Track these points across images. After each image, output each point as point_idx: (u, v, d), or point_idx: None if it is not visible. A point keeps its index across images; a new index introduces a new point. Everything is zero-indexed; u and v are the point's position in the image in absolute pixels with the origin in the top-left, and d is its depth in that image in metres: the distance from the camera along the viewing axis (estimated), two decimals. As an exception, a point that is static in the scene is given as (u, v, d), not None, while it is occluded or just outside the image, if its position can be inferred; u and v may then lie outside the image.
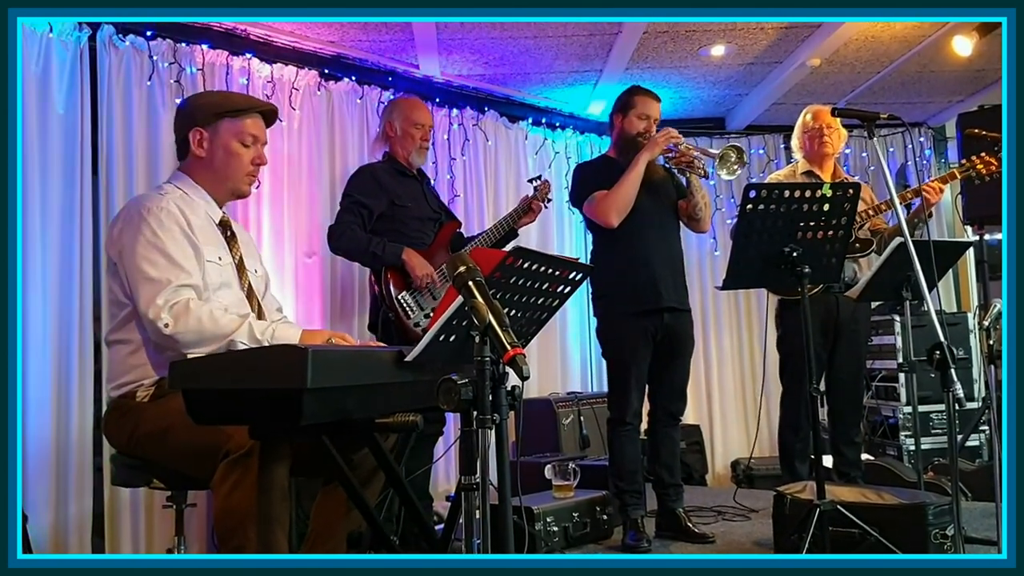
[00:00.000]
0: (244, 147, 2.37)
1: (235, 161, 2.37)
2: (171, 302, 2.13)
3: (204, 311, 2.15)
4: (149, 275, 2.16)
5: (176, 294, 2.14)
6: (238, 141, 2.36)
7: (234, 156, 2.36)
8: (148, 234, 2.20)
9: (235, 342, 2.12)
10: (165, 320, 2.11)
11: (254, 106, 2.43)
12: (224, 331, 2.12)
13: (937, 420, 4.83)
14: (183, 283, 2.17)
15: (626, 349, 3.50)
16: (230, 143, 2.36)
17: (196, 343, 2.12)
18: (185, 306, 2.13)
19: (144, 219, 2.22)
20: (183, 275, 2.18)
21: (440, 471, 4.52)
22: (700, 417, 5.77)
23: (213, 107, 2.37)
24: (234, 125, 2.36)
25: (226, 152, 2.36)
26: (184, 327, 2.11)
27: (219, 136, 2.35)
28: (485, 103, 5.20)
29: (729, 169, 3.44)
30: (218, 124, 2.35)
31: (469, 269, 1.66)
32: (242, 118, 2.37)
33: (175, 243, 2.21)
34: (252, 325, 2.16)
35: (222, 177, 2.39)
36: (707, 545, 3.44)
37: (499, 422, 1.53)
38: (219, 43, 4.05)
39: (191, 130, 2.35)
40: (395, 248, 3.48)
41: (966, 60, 4.77)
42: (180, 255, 2.20)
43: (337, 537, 2.29)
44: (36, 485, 3.32)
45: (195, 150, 2.36)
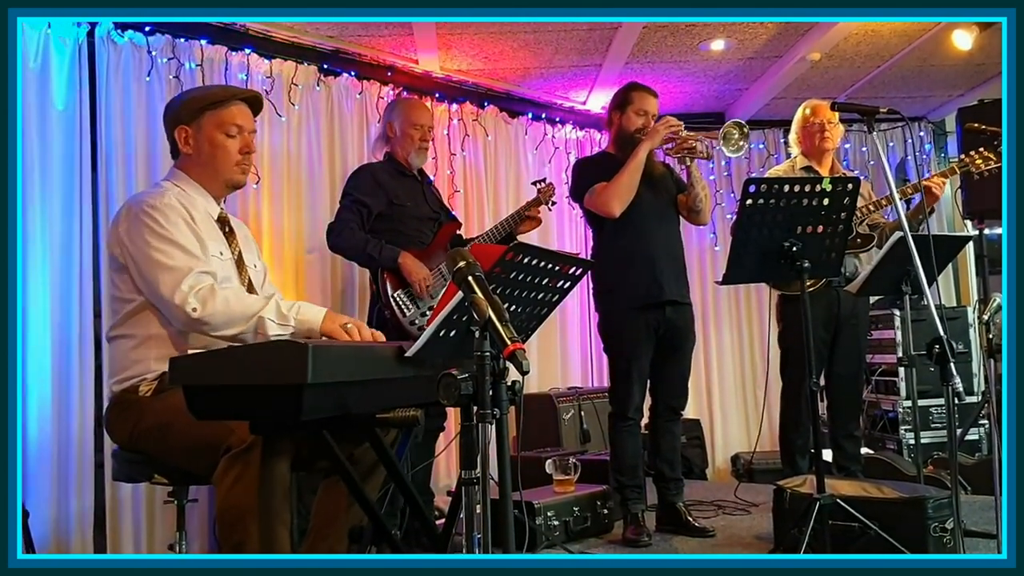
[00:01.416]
0: (229, 137, 2.38)
1: (221, 152, 2.38)
2: (196, 287, 2.15)
3: (230, 292, 2.19)
4: (167, 264, 2.17)
5: (199, 279, 2.17)
6: (222, 132, 2.38)
7: (219, 148, 2.38)
8: (156, 227, 2.21)
9: (264, 320, 2.14)
10: (193, 304, 2.13)
11: (234, 95, 2.44)
12: (252, 310, 2.14)
13: (937, 414, 4.84)
14: (202, 269, 2.20)
15: (628, 343, 3.50)
16: (214, 135, 2.37)
17: (225, 324, 2.14)
18: (211, 290, 2.16)
19: (149, 214, 2.23)
20: (199, 263, 2.21)
21: (441, 466, 4.53)
22: (700, 411, 5.78)
23: (194, 103, 2.39)
24: (216, 116, 2.37)
25: (211, 144, 2.37)
26: (213, 309, 2.13)
27: (203, 130, 2.37)
28: (485, 98, 5.19)
29: (735, 145, 3.43)
30: (201, 118, 2.37)
31: (469, 264, 1.66)
32: (223, 108, 2.38)
33: (183, 234, 2.24)
34: (279, 303, 2.18)
35: (213, 170, 2.40)
36: (707, 539, 3.44)
37: (499, 417, 1.53)
38: (218, 38, 4.04)
39: (176, 129, 2.38)
40: (392, 252, 3.47)
41: (966, 54, 4.76)
42: (191, 245, 2.23)
43: (338, 532, 2.29)
44: (38, 481, 3.33)
45: (183, 148, 2.39)
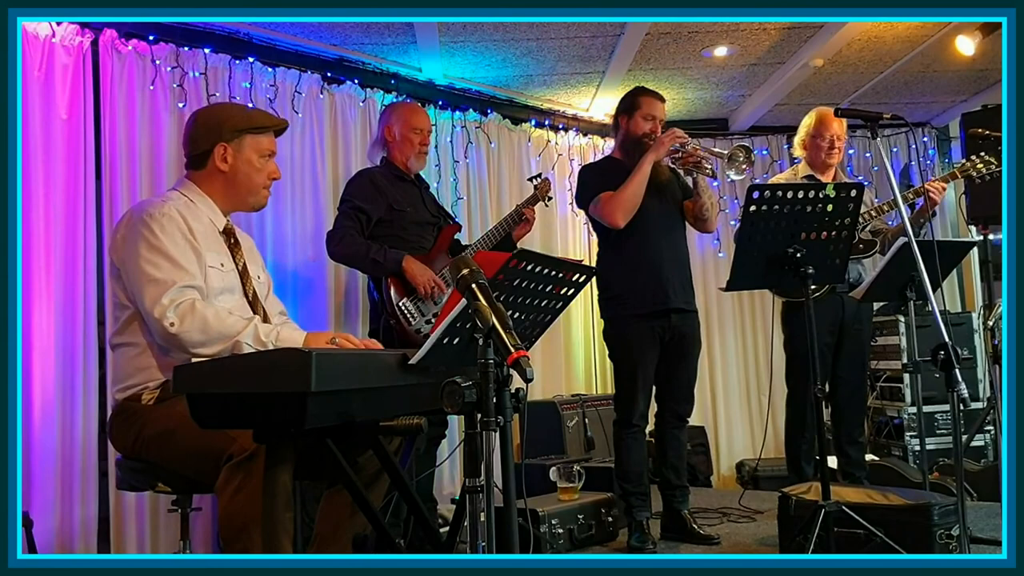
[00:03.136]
0: (264, 161, 2.46)
1: (257, 176, 2.46)
2: (176, 301, 2.15)
3: (210, 311, 2.18)
4: (153, 276, 2.18)
5: (181, 294, 2.17)
6: (260, 156, 2.45)
7: (256, 171, 2.45)
8: (150, 238, 2.22)
9: (240, 343, 2.14)
10: (171, 319, 2.13)
11: (274, 125, 2.52)
12: (230, 331, 2.15)
13: (942, 420, 4.82)
14: (187, 284, 2.20)
15: (634, 351, 3.49)
16: (253, 158, 2.44)
17: (201, 343, 2.14)
18: (191, 306, 2.16)
19: (146, 223, 2.24)
20: (187, 276, 2.21)
21: (445, 474, 4.52)
22: (705, 419, 5.77)
23: (237, 122, 2.43)
24: (256, 141, 2.44)
25: (249, 166, 2.44)
26: (190, 326, 2.13)
27: (243, 151, 2.43)
28: (488, 105, 5.20)
29: (738, 169, 3.44)
30: (242, 140, 2.42)
31: (472, 272, 1.66)
32: (264, 135, 2.46)
33: (176, 246, 2.24)
34: (257, 327, 2.18)
35: (243, 191, 2.46)
36: (713, 546, 3.44)
37: (503, 424, 1.53)
38: (222, 47, 4.05)
39: (216, 144, 2.40)
40: (396, 255, 3.46)
41: (969, 60, 4.76)
42: (182, 258, 2.23)
43: (342, 540, 2.29)
44: (41, 490, 3.32)
45: (218, 164, 2.41)
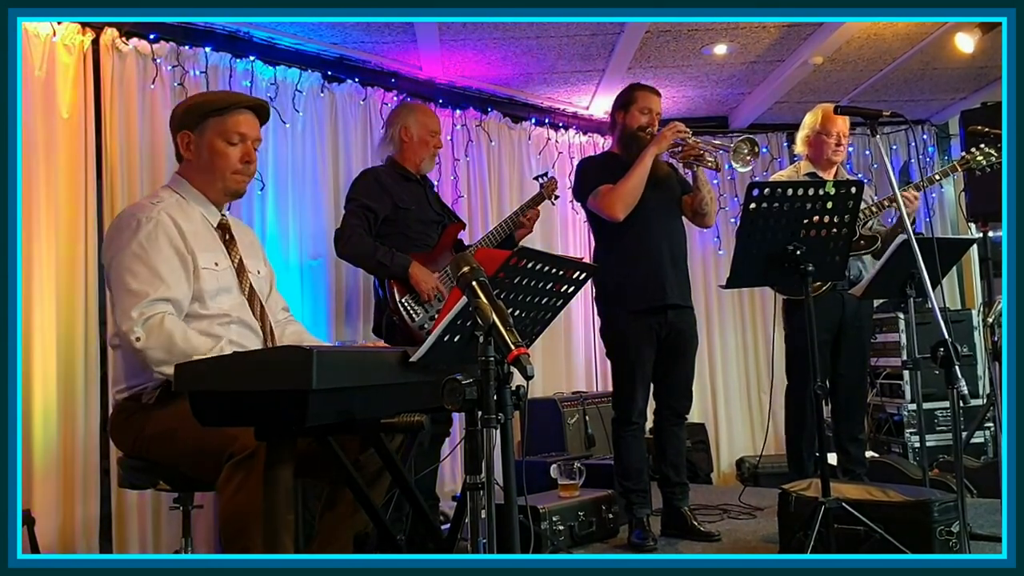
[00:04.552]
0: (231, 145, 2.36)
1: (221, 160, 2.36)
2: (146, 315, 2.12)
3: (178, 329, 2.13)
4: (129, 287, 2.15)
5: (152, 308, 2.13)
6: (223, 140, 2.35)
7: (219, 155, 2.35)
8: (134, 246, 2.19)
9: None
10: (137, 334, 2.09)
11: (238, 102, 2.42)
12: (195, 353, 2.07)
13: (942, 417, 4.82)
14: (160, 296, 2.15)
15: (631, 348, 3.49)
16: (215, 142, 2.35)
17: (164, 361, 2.08)
18: (159, 322, 2.12)
19: (132, 229, 2.22)
20: (162, 288, 2.16)
21: (446, 471, 4.53)
22: (705, 415, 5.78)
23: (198, 108, 2.38)
24: (219, 124, 2.35)
25: (211, 151, 2.35)
26: (155, 343, 2.09)
27: (204, 136, 2.35)
28: (488, 104, 5.20)
29: (743, 161, 3.45)
30: (204, 124, 2.35)
31: (473, 269, 1.66)
32: (227, 115, 2.36)
33: (160, 255, 2.20)
34: (223, 350, 2.15)
35: (211, 177, 2.38)
36: (713, 543, 3.43)
37: (504, 422, 1.54)
38: (222, 46, 4.06)
39: (179, 134, 2.38)
40: (403, 261, 3.45)
41: (969, 57, 4.76)
42: (164, 267, 2.19)
43: (344, 538, 2.29)
44: (43, 488, 3.33)
45: (184, 153, 2.38)
